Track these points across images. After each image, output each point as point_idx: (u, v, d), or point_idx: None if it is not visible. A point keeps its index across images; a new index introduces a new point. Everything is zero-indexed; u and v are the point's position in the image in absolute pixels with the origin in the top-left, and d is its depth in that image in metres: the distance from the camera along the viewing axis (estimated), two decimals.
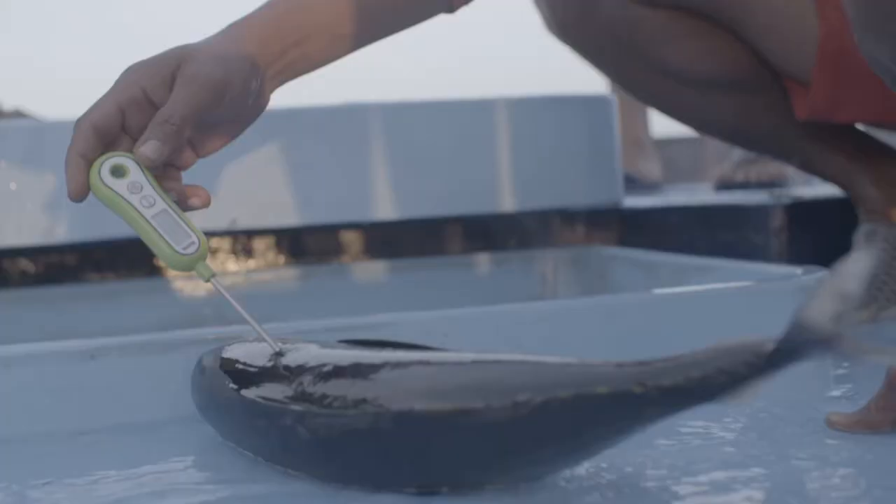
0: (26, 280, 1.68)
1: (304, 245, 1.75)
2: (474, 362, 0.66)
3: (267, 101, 1.00)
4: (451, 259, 1.80)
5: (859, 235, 1.38)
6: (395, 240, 1.77)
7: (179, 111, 0.89)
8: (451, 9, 1.12)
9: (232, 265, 1.73)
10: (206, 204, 0.92)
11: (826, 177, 1.43)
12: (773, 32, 1.35)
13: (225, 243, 1.73)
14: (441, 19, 1.14)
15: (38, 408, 0.95)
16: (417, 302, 1.75)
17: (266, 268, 1.74)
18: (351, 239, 1.76)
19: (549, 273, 1.82)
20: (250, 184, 1.67)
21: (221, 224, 1.67)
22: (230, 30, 0.99)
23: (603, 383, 0.60)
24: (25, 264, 1.68)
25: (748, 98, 1.42)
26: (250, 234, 1.73)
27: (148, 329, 1.66)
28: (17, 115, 2.43)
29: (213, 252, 1.71)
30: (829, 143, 1.41)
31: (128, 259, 1.70)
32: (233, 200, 1.66)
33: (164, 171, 0.92)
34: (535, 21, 1.54)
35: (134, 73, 0.92)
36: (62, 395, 0.95)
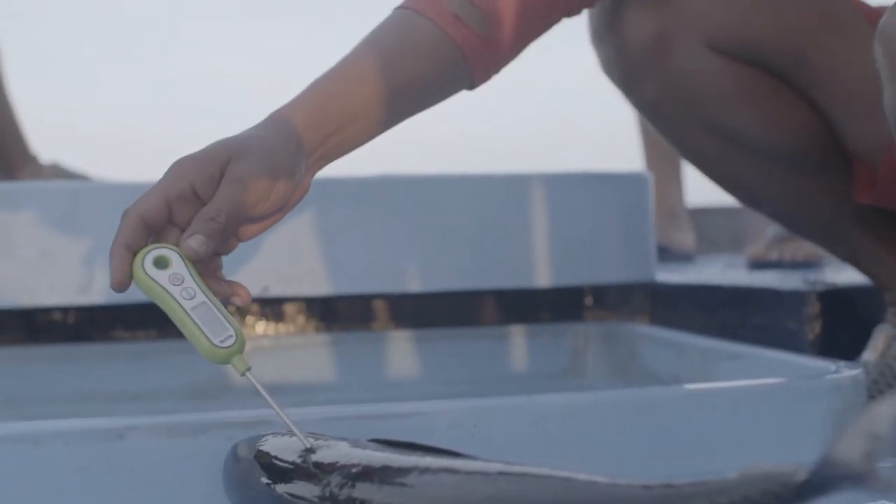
0: (57, 337, 1.69)
1: (335, 313, 1.76)
2: (501, 474, 0.65)
3: (307, 188, 1.02)
4: (482, 331, 1.80)
5: (880, 336, 1.36)
6: (425, 311, 1.77)
7: (226, 210, 0.91)
8: (472, 86, 1.16)
9: (261, 329, 1.74)
10: (246, 303, 0.94)
11: (870, 273, 1.38)
12: (853, 103, 1.28)
13: (254, 307, 1.74)
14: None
15: (66, 487, 0.95)
16: (446, 374, 1.75)
17: (295, 333, 1.75)
18: (381, 309, 1.76)
19: (580, 348, 1.81)
20: (283, 253, 1.68)
21: (253, 291, 1.68)
22: (276, 121, 1.01)
23: None
24: (57, 322, 1.69)
25: (810, 178, 1.35)
26: (281, 300, 1.74)
27: (176, 391, 1.67)
28: (55, 168, 2.45)
29: (243, 315, 1.71)
30: (882, 240, 1.37)
31: (158, 319, 1.71)
32: (265, 268, 1.67)
33: (206, 260, 0.93)
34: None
35: (182, 168, 0.94)
36: (90, 474, 0.95)
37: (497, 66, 1.17)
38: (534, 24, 1.18)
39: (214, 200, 0.92)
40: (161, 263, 0.90)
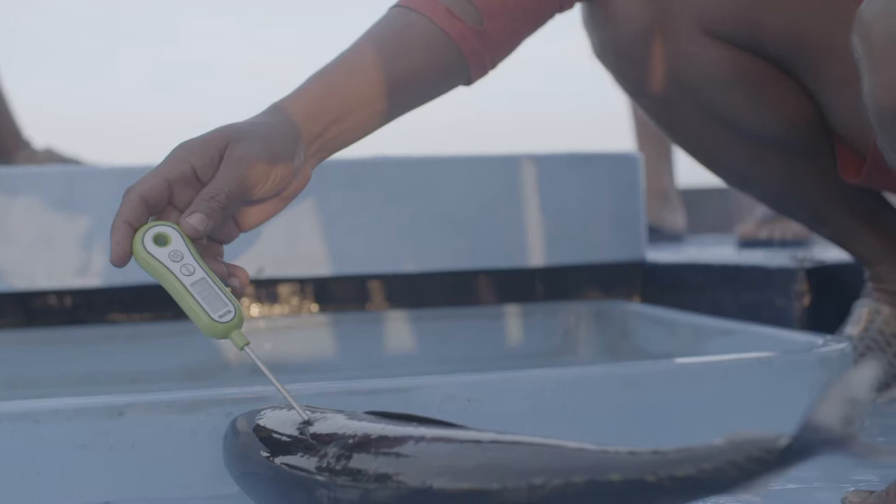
0: (55, 320, 1.71)
1: (329, 293, 1.77)
2: (493, 443, 0.67)
3: (308, 177, 1.05)
4: (475, 310, 1.81)
5: (862, 310, 1.38)
6: (418, 291, 1.79)
7: (225, 190, 0.94)
8: (468, 81, 1.20)
9: (256, 310, 1.75)
10: (245, 284, 0.96)
11: (852, 251, 1.41)
12: (845, 88, 1.26)
13: (249, 288, 1.75)
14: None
15: (67, 463, 0.96)
16: (440, 353, 1.76)
17: (290, 314, 1.76)
18: (375, 289, 1.78)
19: (572, 327, 1.83)
20: (277, 234, 1.69)
21: (248, 273, 1.69)
22: (274, 110, 1.04)
23: (616, 470, 0.61)
24: (55, 305, 1.70)
25: (800, 161, 1.37)
26: (276, 281, 1.75)
27: (172, 372, 1.69)
28: (49, 153, 2.46)
29: (237, 296, 1.73)
30: (866, 220, 1.39)
31: (154, 302, 1.72)
32: (260, 250, 1.69)
33: (208, 246, 0.96)
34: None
35: (184, 151, 0.97)
36: (90, 451, 0.97)
37: (493, 61, 1.20)
38: (526, 19, 1.20)
39: (214, 181, 0.95)
40: (161, 240, 0.92)
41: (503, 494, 0.63)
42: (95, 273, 1.66)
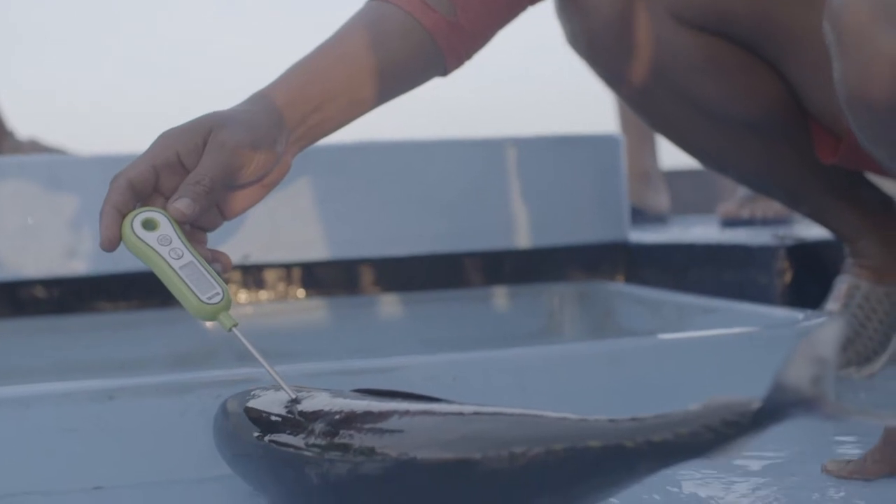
0: (42, 309, 1.71)
1: (315, 278, 1.78)
2: (475, 415, 0.68)
3: (289, 165, 1.07)
4: (461, 293, 1.82)
5: (843, 286, 1.40)
6: (405, 275, 1.80)
7: (210, 174, 0.96)
8: (444, 72, 1.21)
9: (243, 297, 1.76)
10: (228, 269, 0.98)
11: (832, 228, 1.42)
12: (817, 71, 1.26)
13: (236, 275, 1.76)
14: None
15: (57, 447, 0.97)
16: (426, 335, 1.77)
17: (276, 300, 1.77)
18: (361, 273, 1.79)
19: (556, 308, 1.84)
20: (262, 220, 1.70)
21: (234, 260, 1.70)
22: (257, 98, 1.07)
23: (596, 437, 0.62)
24: (41, 295, 1.71)
25: (775, 142, 1.38)
26: (261, 267, 1.76)
27: (160, 359, 1.69)
28: (33, 143, 2.46)
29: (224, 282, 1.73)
30: (844, 196, 1.40)
31: (141, 290, 1.73)
32: (245, 237, 1.69)
33: (192, 233, 0.97)
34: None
35: (169, 138, 0.99)
36: (80, 434, 0.98)
37: (468, 52, 1.21)
38: (500, 10, 1.22)
39: (199, 166, 0.97)
40: (149, 225, 0.93)
41: (486, 463, 0.64)
42: (82, 262, 1.67)
